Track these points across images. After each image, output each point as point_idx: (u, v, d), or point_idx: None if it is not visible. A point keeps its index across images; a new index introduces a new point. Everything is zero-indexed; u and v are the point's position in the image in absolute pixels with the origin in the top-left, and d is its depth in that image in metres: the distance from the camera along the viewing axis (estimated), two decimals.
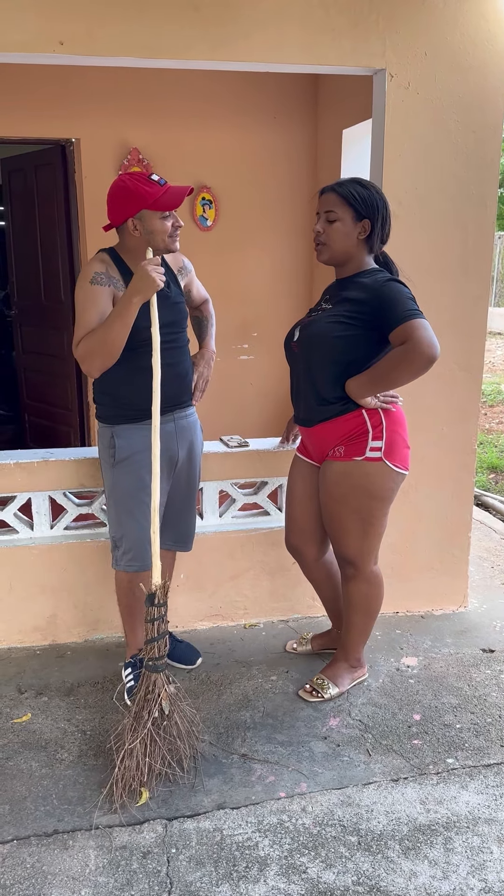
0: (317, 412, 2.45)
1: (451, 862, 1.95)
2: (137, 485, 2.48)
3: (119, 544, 2.56)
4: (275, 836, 2.03)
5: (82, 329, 2.33)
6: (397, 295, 2.27)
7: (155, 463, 2.26)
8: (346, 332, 2.33)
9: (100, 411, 2.55)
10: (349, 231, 2.37)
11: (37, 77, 3.99)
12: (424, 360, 2.19)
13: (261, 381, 4.81)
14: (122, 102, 4.20)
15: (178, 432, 2.57)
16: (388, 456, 2.40)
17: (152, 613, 2.23)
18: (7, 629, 2.95)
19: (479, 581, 3.57)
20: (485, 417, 7.56)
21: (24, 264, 5.16)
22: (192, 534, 2.78)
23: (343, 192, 2.36)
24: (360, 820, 2.09)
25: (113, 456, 2.49)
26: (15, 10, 2.45)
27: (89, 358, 2.32)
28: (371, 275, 2.38)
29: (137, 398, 2.41)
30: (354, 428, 2.40)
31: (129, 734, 2.17)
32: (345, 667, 2.69)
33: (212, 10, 2.58)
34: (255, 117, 4.46)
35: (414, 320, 2.21)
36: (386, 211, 2.39)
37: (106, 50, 2.55)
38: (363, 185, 2.38)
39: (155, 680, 2.22)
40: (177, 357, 2.51)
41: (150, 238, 2.35)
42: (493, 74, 2.84)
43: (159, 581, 2.24)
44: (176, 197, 2.31)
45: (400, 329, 2.22)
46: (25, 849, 1.99)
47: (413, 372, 2.23)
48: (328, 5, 2.64)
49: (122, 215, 2.34)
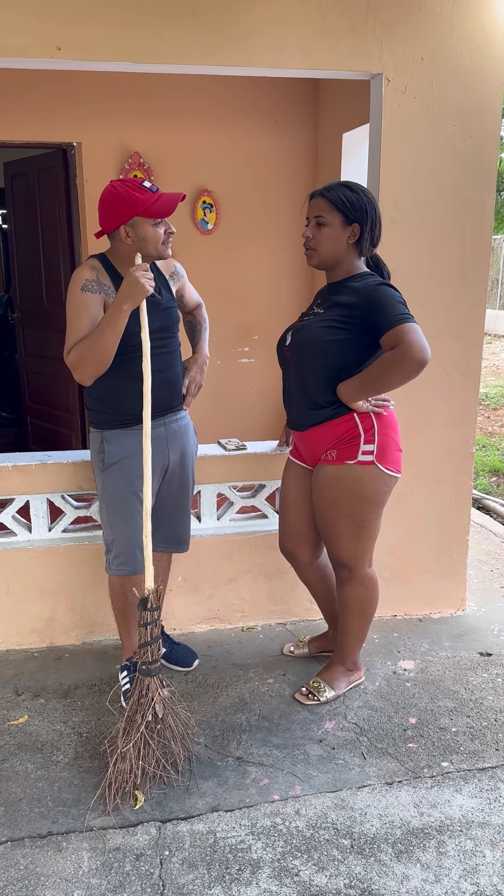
0: (309, 416, 2.45)
1: (444, 865, 1.95)
2: (127, 489, 2.49)
3: (111, 548, 2.58)
4: (268, 839, 2.04)
5: (73, 337, 2.33)
6: (388, 299, 2.27)
7: (146, 468, 2.27)
8: (338, 336, 2.34)
9: (91, 416, 2.56)
10: (338, 235, 2.37)
11: (39, 81, 4.01)
12: (415, 364, 2.20)
13: (261, 384, 4.82)
14: (124, 107, 4.21)
15: (170, 436, 2.58)
16: (380, 459, 2.41)
17: (145, 618, 2.23)
18: (5, 631, 2.96)
19: (478, 584, 3.57)
20: (488, 420, 7.55)
21: (27, 267, 5.18)
22: (186, 536, 2.78)
23: (331, 197, 2.36)
24: (354, 823, 2.09)
25: (102, 461, 2.50)
26: (12, 16, 2.46)
27: (81, 365, 2.33)
28: (362, 279, 2.39)
29: (128, 403, 2.42)
30: (346, 432, 2.41)
31: (122, 738, 2.18)
32: (341, 670, 2.69)
33: (210, 16, 2.59)
34: (255, 121, 4.47)
35: (405, 324, 2.21)
36: (375, 214, 2.39)
37: (104, 55, 2.57)
38: (352, 189, 2.37)
39: (148, 684, 2.23)
40: (167, 362, 2.52)
41: (142, 245, 2.35)
42: (491, 79, 2.85)
43: (152, 586, 2.25)
44: (169, 204, 2.32)
45: (391, 333, 2.22)
46: (19, 850, 2.00)
47: (404, 376, 2.24)
48: (325, 10, 2.65)
49: (113, 222, 2.33)
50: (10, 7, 2.46)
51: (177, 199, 2.33)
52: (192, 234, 4.50)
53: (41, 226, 4.89)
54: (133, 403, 2.35)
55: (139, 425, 2.34)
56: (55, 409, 5.19)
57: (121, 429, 2.48)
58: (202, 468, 2.95)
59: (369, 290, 2.32)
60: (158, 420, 2.53)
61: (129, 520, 2.51)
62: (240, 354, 4.78)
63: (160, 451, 2.53)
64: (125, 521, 2.51)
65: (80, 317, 2.34)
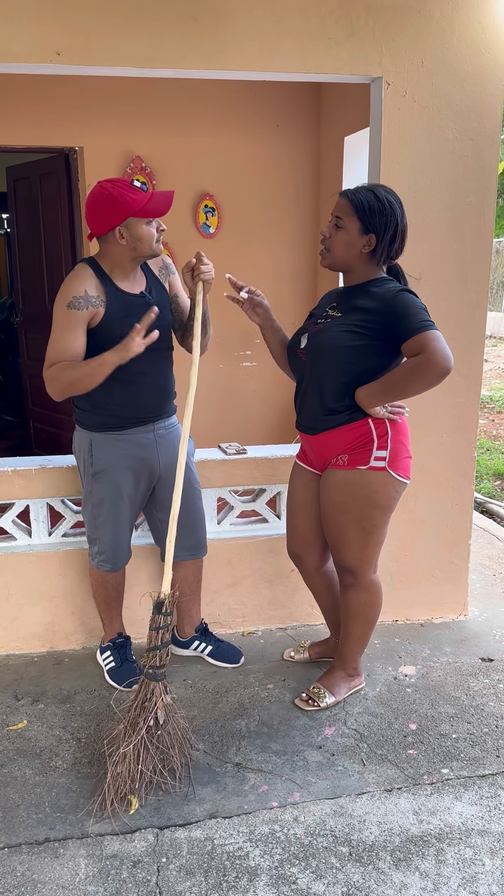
0: (321, 421, 2.43)
1: (443, 874, 1.94)
2: (114, 495, 2.51)
3: (94, 544, 2.63)
4: (266, 846, 2.02)
5: (52, 353, 2.34)
6: (410, 306, 2.24)
7: (179, 475, 2.27)
8: (358, 341, 2.30)
9: (79, 415, 2.57)
10: (352, 242, 2.32)
11: (41, 86, 4.02)
12: (439, 372, 2.17)
13: (264, 388, 4.82)
14: (126, 111, 4.22)
15: (159, 443, 2.58)
16: (391, 465, 2.39)
17: (158, 622, 2.23)
18: (5, 636, 2.96)
19: (481, 589, 3.55)
20: (492, 424, 7.53)
21: (29, 271, 5.19)
22: (202, 539, 2.81)
23: (354, 201, 2.29)
24: (352, 830, 2.08)
25: (91, 465, 2.51)
26: (12, 21, 2.47)
27: (53, 385, 2.34)
28: (382, 283, 2.35)
29: (119, 407, 2.43)
30: (360, 437, 2.39)
31: (122, 740, 2.18)
32: (342, 676, 2.68)
33: (209, 20, 2.59)
34: (257, 125, 4.47)
35: (428, 332, 2.18)
36: (397, 228, 2.31)
37: (103, 60, 2.57)
38: (378, 198, 2.29)
39: (153, 688, 2.22)
40: (158, 366, 2.52)
41: (136, 245, 2.35)
42: (491, 82, 2.84)
43: (168, 590, 2.24)
44: (163, 203, 2.33)
45: (413, 340, 2.19)
46: (16, 857, 1.99)
47: (426, 383, 2.21)
48: (324, 14, 2.65)
49: (107, 224, 2.33)
50: (10, 13, 2.46)
51: (169, 197, 2.34)
52: (195, 237, 4.49)
53: (44, 230, 4.90)
54: (124, 407, 2.36)
55: (129, 430, 2.35)
56: (58, 413, 5.19)
57: (109, 432, 2.48)
58: (202, 472, 2.94)
59: (391, 296, 2.28)
60: (147, 426, 2.53)
61: (113, 521, 2.56)
62: (242, 358, 4.78)
63: (148, 456, 2.54)
64: (108, 521, 2.56)
65: (62, 335, 2.34)
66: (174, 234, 4.15)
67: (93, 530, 2.61)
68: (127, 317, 2.33)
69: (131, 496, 2.58)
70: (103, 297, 2.38)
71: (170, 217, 2.55)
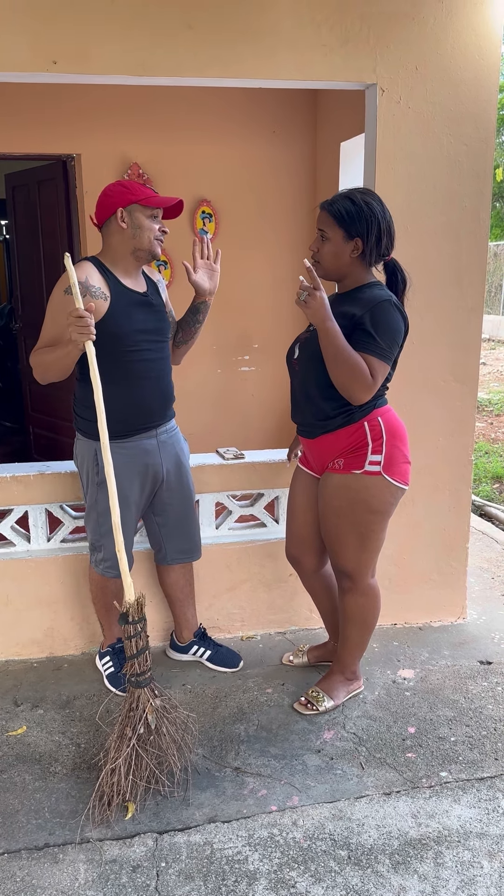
0: (317, 426, 2.45)
1: (441, 877, 1.94)
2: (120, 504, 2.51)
3: (98, 550, 2.63)
4: (265, 850, 2.03)
5: (42, 337, 2.41)
6: (383, 321, 2.28)
7: (111, 483, 2.27)
8: None
9: (82, 424, 2.57)
10: (339, 251, 2.34)
11: (39, 94, 4.04)
12: (356, 393, 2.27)
13: (262, 393, 4.83)
14: (123, 118, 4.24)
15: (161, 447, 2.60)
16: (386, 470, 2.40)
17: (128, 631, 2.22)
18: (4, 642, 2.97)
19: (479, 592, 3.56)
20: (490, 427, 7.54)
21: (28, 278, 5.21)
22: (197, 542, 2.83)
23: (332, 211, 2.32)
24: (351, 834, 2.09)
25: (97, 474, 2.51)
26: (8, 31, 2.49)
27: (35, 370, 2.43)
28: (369, 289, 2.37)
29: (122, 415, 2.44)
30: (355, 441, 2.40)
31: (113, 751, 2.17)
32: (340, 679, 2.68)
33: (205, 29, 2.61)
34: (254, 131, 4.49)
35: (375, 359, 2.26)
36: (381, 226, 2.33)
37: (100, 68, 2.59)
38: (354, 202, 2.31)
39: (139, 696, 2.22)
40: (161, 369, 2.54)
41: (136, 233, 2.38)
42: (485, 88, 2.85)
43: (132, 599, 2.24)
44: (168, 199, 2.40)
45: (364, 356, 2.27)
46: (16, 862, 2.00)
47: (345, 382, 2.27)
48: (319, 22, 2.67)
49: (112, 206, 2.38)
50: (6, 22, 2.48)
51: (177, 199, 2.42)
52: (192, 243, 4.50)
53: (42, 236, 4.92)
54: (128, 414, 2.37)
55: (129, 438, 2.36)
56: (57, 418, 5.20)
57: (115, 441, 2.49)
58: (200, 477, 2.95)
59: (374, 304, 2.30)
60: (150, 432, 2.55)
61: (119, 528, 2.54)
62: (240, 363, 4.79)
63: (151, 461, 2.56)
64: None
65: (53, 319, 2.39)
66: (171, 240, 4.15)
67: (98, 538, 2.61)
68: (131, 313, 2.36)
69: (137, 503, 2.60)
70: (107, 291, 2.40)
71: (167, 223, 2.57)
